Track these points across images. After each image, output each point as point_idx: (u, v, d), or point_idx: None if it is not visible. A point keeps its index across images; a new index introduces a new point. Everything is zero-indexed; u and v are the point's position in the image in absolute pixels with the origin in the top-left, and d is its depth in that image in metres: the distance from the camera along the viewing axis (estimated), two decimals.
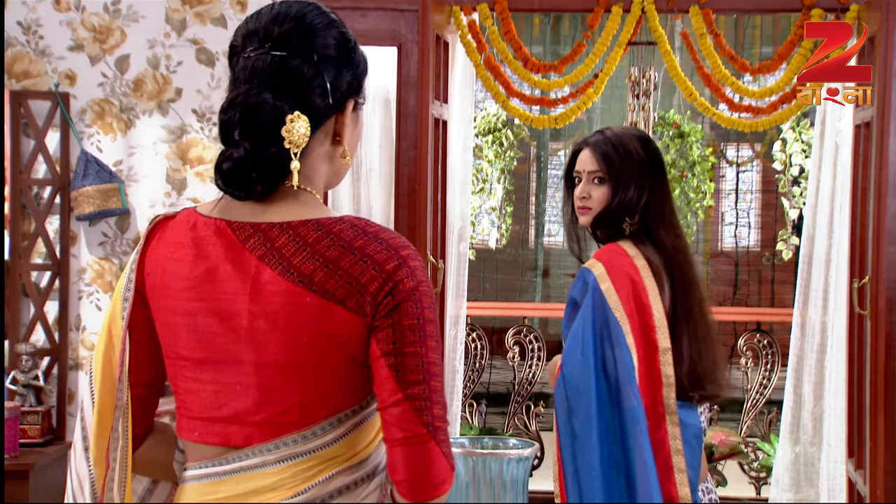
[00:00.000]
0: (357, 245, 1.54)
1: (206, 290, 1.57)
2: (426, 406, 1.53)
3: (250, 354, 1.55)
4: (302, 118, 1.56)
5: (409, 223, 4.46)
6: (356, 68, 1.64)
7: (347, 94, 1.63)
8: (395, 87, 4.58)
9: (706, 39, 4.54)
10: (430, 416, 1.53)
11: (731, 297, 9.68)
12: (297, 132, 1.56)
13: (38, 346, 4.40)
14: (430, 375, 1.54)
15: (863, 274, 4.30)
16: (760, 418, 6.16)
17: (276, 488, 1.56)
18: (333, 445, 1.57)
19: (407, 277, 1.55)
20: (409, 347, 1.54)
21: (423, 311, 1.55)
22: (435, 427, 1.54)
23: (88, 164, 4.36)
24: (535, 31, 9.04)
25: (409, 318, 1.54)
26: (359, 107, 1.67)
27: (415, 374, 1.53)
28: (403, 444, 1.53)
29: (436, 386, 1.55)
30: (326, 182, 1.66)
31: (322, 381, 1.55)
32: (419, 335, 1.54)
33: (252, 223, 1.57)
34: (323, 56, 1.59)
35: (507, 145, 7.49)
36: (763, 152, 9.30)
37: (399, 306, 1.54)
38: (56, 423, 4.40)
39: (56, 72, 4.44)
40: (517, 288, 9.71)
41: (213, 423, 1.59)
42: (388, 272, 1.54)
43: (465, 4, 4.56)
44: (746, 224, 10.06)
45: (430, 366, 1.54)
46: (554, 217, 10.00)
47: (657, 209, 2.80)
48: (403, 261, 1.55)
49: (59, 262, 4.43)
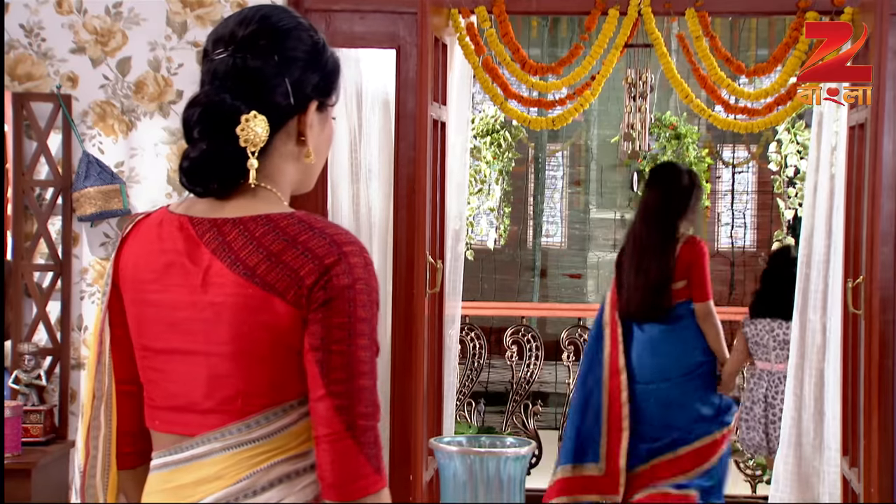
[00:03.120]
0: (301, 239, 1.57)
1: (166, 283, 1.62)
2: (349, 405, 1.53)
3: (201, 345, 1.60)
4: (259, 118, 1.60)
5: (408, 224, 4.47)
6: (323, 69, 1.66)
7: (312, 95, 1.65)
8: (394, 88, 4.59)
9: (702, 42, 4.55)
10: (352, 415, 1.53)
11: (728, 296, 9.69)
12: (251, 131, 1.60)
13: (41, 346, 4.41)
14: (357, 374, 1.54)
15: (857, 274, 4.31)
16: None
17: (221, 477, 1.59)
18: (277, 435, 1.59)
19: (343, 274, 1.55)
20: (336, 345, 1.54)
21: (356, 309, 1.54)
22: (357, 426, 1.53)
23: (90, 165, 4.36)
24: (534, 34, 9.05)
25: (339, 316, 1.54)
26: (325, 107, 1.69)
27: (339, 372, 1.53)
28: (324, 441, 1.54)
29: (363, 385, 1.54)
30: (296, 182, 1.69)
31: (264, 372, 1.58)
32: (348, 333, 1.54)
33: (210, 219, 1.62)
34: (286, 57, 1.63)
35: (505, 146, 7.51)
36: (759, 153, 9.31)
37: (330, 302, 1.54)
38: (58, 421, 4.41)
39: (58, 74, 4.45)
40: (515, 288, 9.72)
41: (172, 412, 1.64)
42: (325, 266, 1.55)
43: (463, 7, 4.57)
44: (742, 224, 10.08)
45: (357, 364, 1.54)
46: (552, 218, 10.02)
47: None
48: (344, 256, 1.56)
49: (61, 262, 4.43)
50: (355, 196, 4.78)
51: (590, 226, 10.03)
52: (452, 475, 2.50)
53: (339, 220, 4.73)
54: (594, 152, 9.92)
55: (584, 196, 10.07)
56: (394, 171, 4.61)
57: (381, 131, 4.83)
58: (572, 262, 9.94)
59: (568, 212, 10.20)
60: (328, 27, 4.53)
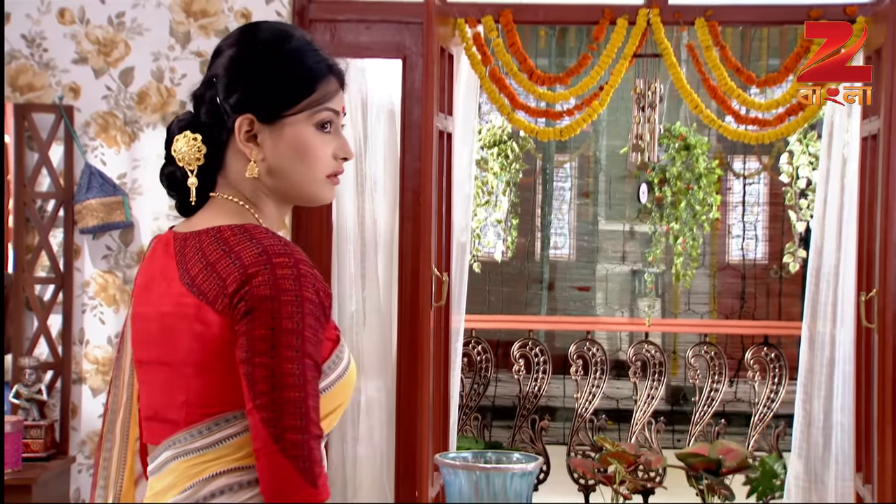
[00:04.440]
0: (236, 249, 1.60)
1: (146, 298, 1.72)
2: (275, 418, 1.53)
3: (161, 355, 1.67)
4: (186, 137, 1.69)
5: (414, 236, 4.47)
6: (253, 81, 1.68)
7: (238, 110, 1.69)
8: (400, 99, 4.60)
9: (712, 52, 4.55)
10: (279, 427, 1.53)
11: (739, 310, 9.67)
12: (178, 151, 1.70)
13: (42, 360, 4.41)
14: (283, 387, 1.53)
15: (870, 287, 4.30)
16: (768, 432, 6.15)
17: (174, 486, 1.63)
18: (219, 446, 1.61)
19: (263, 284, 1.56)
20: (259, 357, 1.54)
21: (281, 321, 1.55)
22: (285, 440, 1.53)
23: (92, 176, 4.37)
24: (541, 44, 9.06)
25: (261, 328, 1.55)
26: (276, 119, 1.68)
27: (263, 384, 1.54)
28: (258, 454, 1.55)
29: (290, 398, 1.53)
30: (279, 193, 1.72)
31: (203, 381, 1.61)
32: (271, 346, 1.54)
33: (182, 234, 1.71)
34: (213, 75, 1.71)
35: (512, 157, 7.50)
36: (770, 165, 9.31)
37: (252, 313, 1.56)
38: (59, 437, 4.41)
39: (60, 85, 4.46)
40: (523, 301, 9.72)
41: (147, 421, 1.72)
42: (247, 276, 1.57)
43: (469, 16, 4.57)
44: (753, 237, 10.06)
45: (283, 377, 1.54)
46: (560, 230, 10.02)
47: None
48: (271, 267, 1.57)
49: (62, 275, 4.44)
50: (360, 208, 4.78)
51: (598, 238, 10.03)
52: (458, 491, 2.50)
53: (344, 232, 4.74)
54: (603, 163, 9.92)
55: (592, 208, 10.07)
56: (399, 182, 4.61)
57: (387, 142, 4.83)
58: (580, 274, 9.93)
59: (576, 223, 10.19)
60: (333, 37, 4.54)
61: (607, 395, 6.87)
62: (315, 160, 1.70)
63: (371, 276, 4.77)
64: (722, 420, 6.34)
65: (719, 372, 6.30)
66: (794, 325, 5.94)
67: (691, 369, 6.34)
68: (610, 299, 9.74)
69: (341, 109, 1.74)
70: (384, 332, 4.76)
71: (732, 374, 7.22)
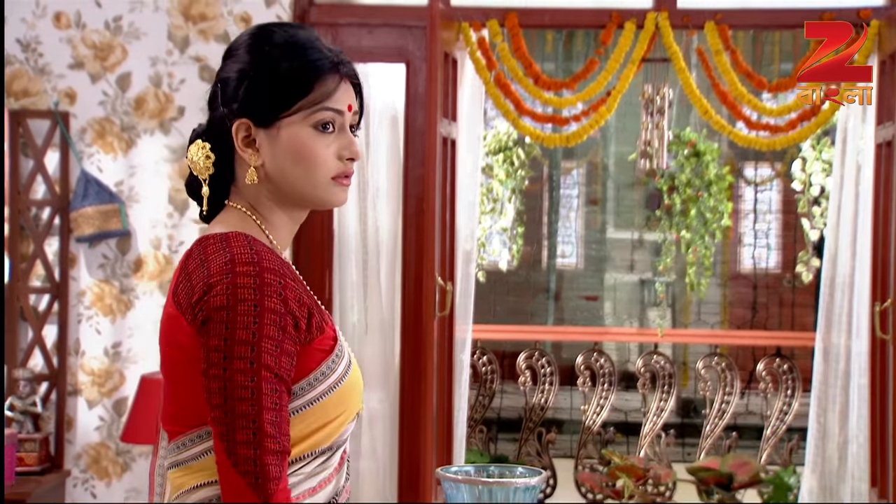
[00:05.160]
0: (209, 258, 1.59)
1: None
2: (227, 432, 1.52)
3: (161, 366, 1.68)
4: (197, 145, 1.68)
5: (417, 244, 4.45)
6: (246, 84, 1.66)
7: (236, 114, 1.66)
8: (403, 105, 4.58)
9: (722, 56, 4.52)
10: (231, 442, 1.51)
11: (750, 320, 9.63)
12: (191, 160, 1.69)
13: (36, 372, 4.39)
14: (235, 400, 1.52)
15: (885, 297, 4.26)
16: (781, 446, 6.11)
17: (168, 497, 1.65)
18: (202, 459, 1.61)
19: (220, 294, 1.54)
20: (212, 369, 1.53)
21: (234, 331, 1.53)
22: (237, 455, 1.51)
23: (88, 184, 4.36)
24: (549, 48, 9.05)
25: (214, 339, 1.54)
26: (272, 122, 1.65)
27: (217, 397, 1.53)
28: (217, 468, 1.54)
29: (242, 411, 1.51)
30: (284, 199, 1.69)
31: (187, 393, 1.60)
32: (223, 357, 1.52)
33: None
34: (218, 80, 1.70)
35: (518, 164, 7.48)
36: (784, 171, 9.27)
37: (207, 323, 1.55)
38: (54, 450, 4.39)
39: (56, 90, 4.45)
40: (529, 311, 9.69)
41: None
42: (208, 285, 1.56)
43: (474, 20, 4.55)
44: (765, 245, 10.02)
45: (234, 389, 1.52)
46: (567, 238, 9.99)
47: None
48: (232, 276, 1.55)
49: (58, 284, 4.42)
50: (362, 215, 4.76)
51: (607, 246, 10.00)
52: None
53: (346, 240, 4.72)
54: (611, 170, 9.89)
55: (600, 215, 10.04)
56: (402, 189, 4.59)
57: (390, 148, 4.81)
58: (588, 283, 9.90)
59: (584, 232, 10.16)
60: (335, 41, 4.48)
61: (616, 408, 6.82)
62: (315, 163, 1.65)
63: (373, 284, 4.75)
64: (733, 433, 6.30)
65: (730, 384, 6.26)
66: (808, 335, 5.89)
67: (702, 381, 6.30)
68: (618, 309, 9.70)
69: (347, 108, 1.69)
70: (387, 342, 4.73)
71: (744, 386, 7.18)
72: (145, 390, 4.02)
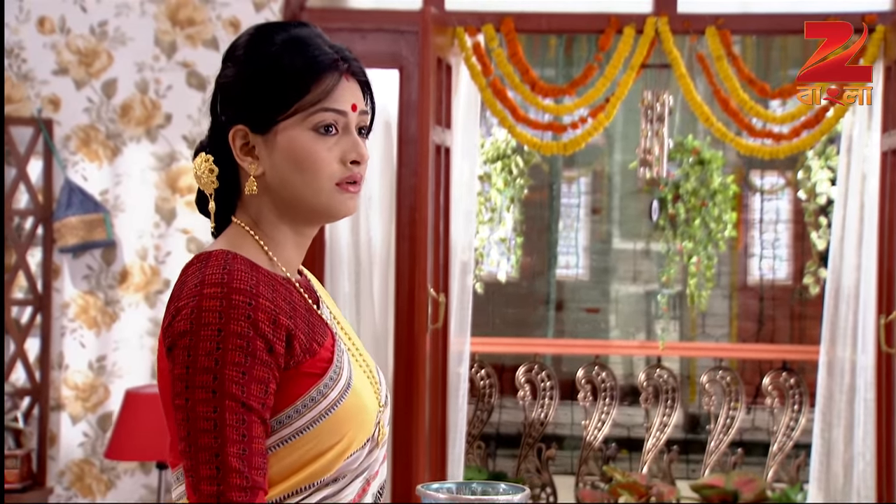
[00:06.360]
0: (187, 280, 1.53)
1: None
2: (192, 465, 1.46)
3: None
4: (200, 158, 1.61)
5: (410, 254, 4.45)
6: (240, 89, 1.59)
7: (232, 121, 1.59)
8: (396, 111, 4.58)
9: (724, 62, 4.52)
10: (196, 478, 1.45)
11: (756, 333, 9.62)
12: (195, 173, 1.62)
13: (18, 386, 4.39)
14: (196, 432, 1.45)
15: (890, 309, 4.25)
16: (788, 462, 6.10)
17: None
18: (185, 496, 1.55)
19: (185, 319, 1.48)
20: (177, 399, 1.48)
21: (197, 358, 1.46)
22: (200, 491, 1.45)
23: (72, 193, 4.36)
24: (551, 53, 9.06)
25: (178, 367, 1.48)
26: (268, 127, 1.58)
27: (181, 428, 1.47)
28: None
29: (205, 444, 1.45)
30: (287, 212, 1.61)
31: (172, 423, 1.54)
32: (186, 386, 1.46)
33: None
34: (218, 85, 1.64)
35: (516, 172, 7.47)
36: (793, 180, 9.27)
37: (172, 351, 1.49)
38: (36, 467, 4.38)
39: (39, 97, 4.46)
40: (529, 323, 9.67)
41: None
42: (176, 309, 1.51)
43: (469, 25, 4.56)
44: (773, 256, 10.01)
45: (196, 421, 1.45)
46: (569, 248, 9.98)
47: None
48: (198, 299, 1.48)
49: (40, 296, 4.42)
50: (355, 225, 4.76)
51: (611, 257, 9.99)
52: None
53: (338, 250, 4.71)
54: (615, 179, 9.89)
55: (604, 225, 10.03)
56: (396, 198, 4.59)
57: (383, 156, 4.81)
58: (590, 295, 9.89)
59: (587, 242, 10.16)
60: None
61: (618, 423, 6.81)
62: (315, 168, 1.56)
63: (366, 296, 4.75)
64: (739, 449, 6.28)
65: (736, 398, 6.25)
66: (814, 349, 5.88)
67: (706, 395, 6.29)
68: (622, 322, 9.68)
69: (351, 108, 1.58)
70: (380, 355, 4.73)
71: (750, 401, 7.16)
72: (130, 405, 4.01)
